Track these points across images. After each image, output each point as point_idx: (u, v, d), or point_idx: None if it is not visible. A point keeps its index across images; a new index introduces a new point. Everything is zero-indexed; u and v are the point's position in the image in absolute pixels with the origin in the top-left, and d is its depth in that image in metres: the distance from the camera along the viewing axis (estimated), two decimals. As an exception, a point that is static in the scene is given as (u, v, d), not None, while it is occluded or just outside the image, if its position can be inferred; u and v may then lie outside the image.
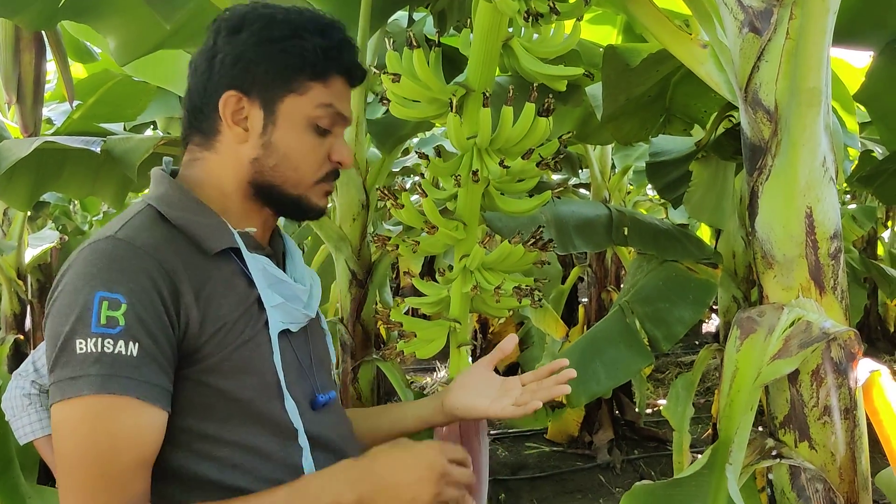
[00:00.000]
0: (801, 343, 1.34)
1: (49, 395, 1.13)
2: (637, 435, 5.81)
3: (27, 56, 3.22)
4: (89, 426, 1.09)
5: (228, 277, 1.25)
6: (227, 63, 1.28)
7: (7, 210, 4.35)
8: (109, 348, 1.09)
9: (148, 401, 1.12)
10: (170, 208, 1.25)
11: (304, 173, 1.32)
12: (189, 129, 1.35)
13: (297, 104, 1.29)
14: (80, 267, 1.15)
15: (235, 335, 1.22)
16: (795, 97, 1.34)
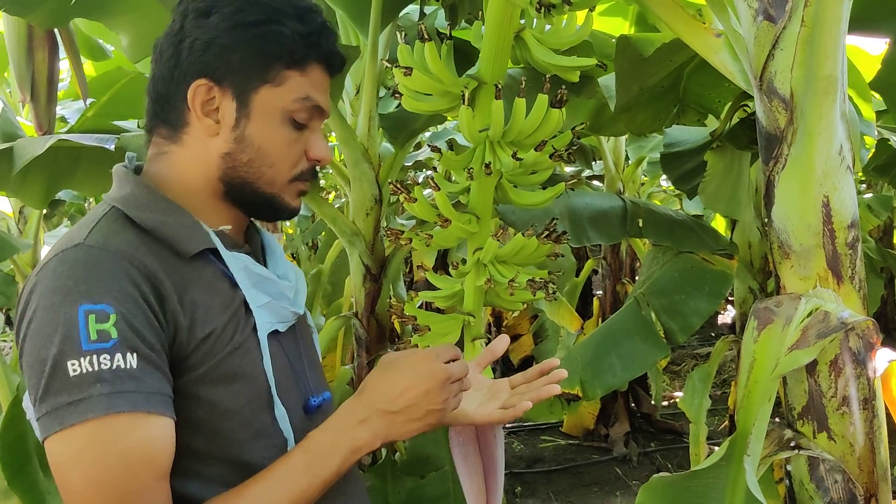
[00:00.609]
0: (819, 333, 1.33)
1: (39, 428, 1.03)
2: (653, 427, 5.80)
3: (40, 54, 3.23)
4: (98, 452, 1.01)
5: (210, 280, 1.16)
6: (196, 49, 1.17)
7: (23, 208, 4.37)
8: (107, 364, 1.01)
9: (156, 412, 1.04)
10: (137, 210, 1.15)
11: (280, 170, 1.23)
12: (154, 120, 1.23)
13: (272, 96, 1.20)
14: (51, 281, 1.05)
15: (224, 342, 1.14)
16: (811, 85, 1.32)
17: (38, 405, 1.03)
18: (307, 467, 1.12)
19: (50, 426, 1.01)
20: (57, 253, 1.08)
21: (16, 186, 2.87)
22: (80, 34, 3.82)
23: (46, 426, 1.02)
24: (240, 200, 1.24)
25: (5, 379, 3.36)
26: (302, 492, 1.11)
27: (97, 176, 3.05)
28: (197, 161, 1.21)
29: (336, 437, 1.15)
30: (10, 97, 4.30)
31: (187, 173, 1.21)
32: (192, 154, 1.21)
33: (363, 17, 2.68)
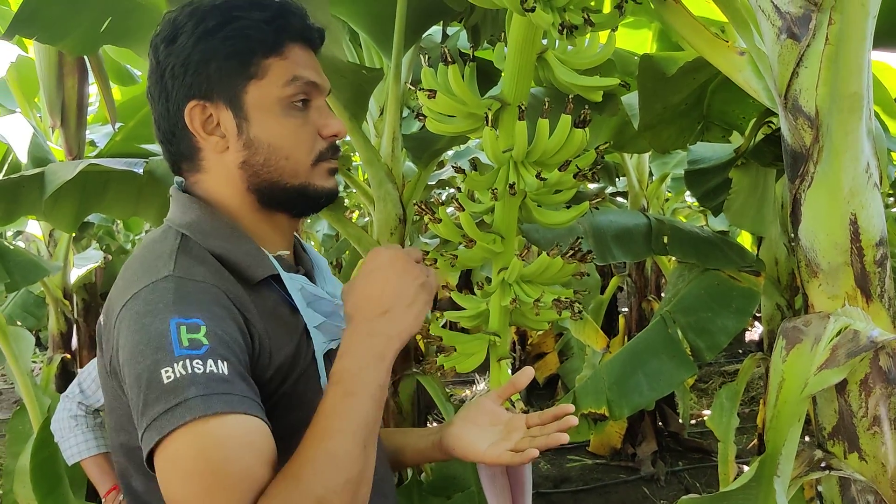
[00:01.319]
0: (849, 352, 1.31)
1: (144, 443, 1.01)
2: (681, 446, 5.74)
3: (70, 80, 3.30)
4: (202, 454, 0.99)
5: (274, 307, 1.19)
6: (176, 74, 1.18)
7: (53, 231, 4.45)
8: (199, 368, 1.00)
9: (252, 413, 1.03)
10: (205, 237, 1.18)
11: (298, 159, 1.23)
12: (173, 159, 1.26)
13: (262, 89, 1.20)
14: (142, 307, 1.06)
15: (293, 369, 1.16)
16: (836, 103, 1.32)
17: (139, 422, 1.02)
18: (345, 393, 1.08)
19: (151, 438, 1.00)
20: (146, 285, 1.08)
21: (47, 211, 2.92)
22: (108, 60, 3.89)
23: (148, 440, 1.00)
24: (276, 202, 1.25)
25: (36, 401, 3.41)
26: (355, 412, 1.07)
27: (126, 199, 3.10)
28: (222, 181, 1.23)
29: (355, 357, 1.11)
30: (41, 122, 4.39)
31: (221, 195, 1.23)
32: (215, 176, 1.23)
33: (386, 39, 2.71)
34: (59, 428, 2.22)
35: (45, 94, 3.35)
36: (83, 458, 2.19)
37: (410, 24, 2.62)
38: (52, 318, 4.56)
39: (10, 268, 3.60)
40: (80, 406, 2.21)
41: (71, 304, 4.65)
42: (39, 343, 8.51)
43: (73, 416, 2.20)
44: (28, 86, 4.29)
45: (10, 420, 3.90)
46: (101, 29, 2.36)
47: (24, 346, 3.53)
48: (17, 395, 7.15)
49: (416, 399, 3.05)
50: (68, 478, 2.88)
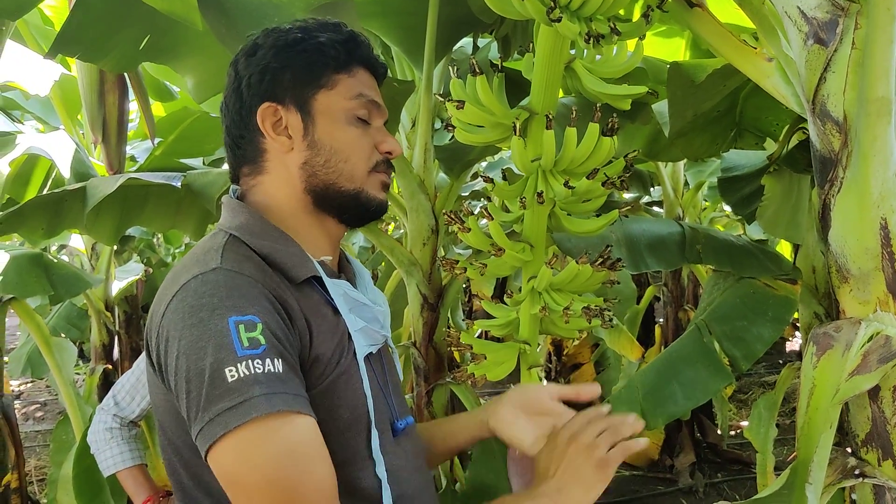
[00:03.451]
0: (881, 358, 1.30)
1: (201, 441, 1.07)
2: (720, 457, 5.66)
3: (111, 97, 3.38)
4: (267, 448, 1.05)
5: (317, 306, 1.23)
6: (253, 83, 1.29)
7: (95, 245, 4.55)
8: (260, 368, 1.06)
9: (306, 412, 1.10)
10: (253, 237, 1.23)
11: (356, 163, 1.30)
12: (236, 164, 1.34)
13: (330, 98, 1.29)
14: (195, 300, 1.11)
15: (332, 367, 1.20)
16: (864, 107, 1.31)
17: (199, 417, 1.07)
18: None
19: (214, 432, 1.05)
20: (194, 276, 1.14)
21: (88, 224, 2.99)
22: (147, 77, 3.98)
23: (210, 433, 1.06)
24: (329, 205, 1.31)
25: (79, 410, 3.48)
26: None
27: (165, 212, 3.16)
28: (282, 181, 1.30)
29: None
30: (84, 138, 4.49)
31: (278, 195, 1.30)
32: (276, 176, 1.31)
33: (417, 51, 2.74)
34: (94, 440, 2.26)
35: (87, 110, 3.44)
36: (119, 470, 2.23)
37: (441, 37, 2.65)
38: (94, 330, 4.66)
39: (54, 281, 3.68)
40: (115, 418, 2.25)
41: (113, 315, 4.75)
42: (83, 355, 8.67)
43: (109, 429, 2.24)
44: (71, 103, 4.40)
45: (55, 430, 3.98)
46: (140, 47, 2.42)
47: (66, 356, 3.61)
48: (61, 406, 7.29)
49: (449, 408, 3.06)
50: (109, 486, 2.94)
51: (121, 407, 2.26)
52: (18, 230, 3.11)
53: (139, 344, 4.92)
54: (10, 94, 4.97)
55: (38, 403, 8.99)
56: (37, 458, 6.63)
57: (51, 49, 2.23)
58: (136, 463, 2.25)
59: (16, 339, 10.15)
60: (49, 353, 3.51)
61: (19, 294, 3.52)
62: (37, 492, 5.79)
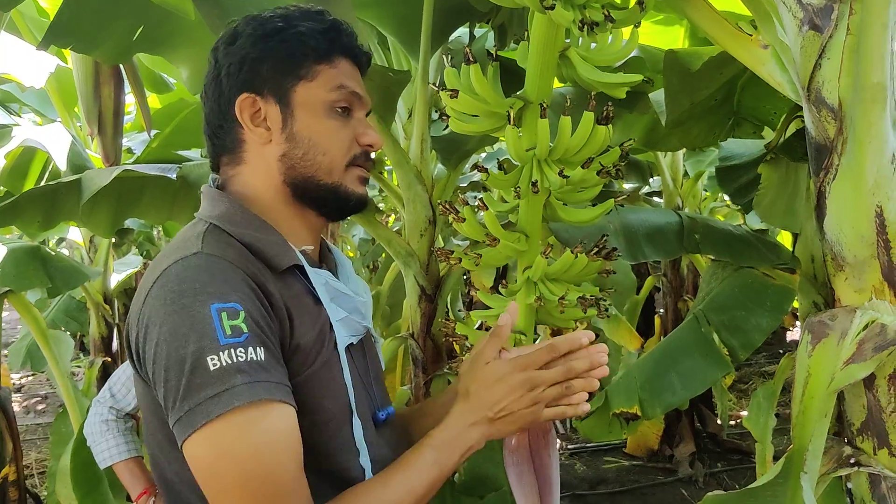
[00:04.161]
0: (876, 346, 1.30)
1: (179, 429, 1.06)
2: (720, 447, 5.67)
3: (106, 89, 3.36)
4: (247, 439, 1.05)
5: (298, 295, 1.23)
6: (232, 72, 1.27)
7: (93, 238, 4.54)
8: (242, 357, 1.06)
9: (287, 401, 1.10)
10: (234, 226, 1.22)
11: (334, 156, 1.30)
12: (215, 154, 1.34)
13: (310, 90, 1.28)
14: (177, 285, 1.10)
15: (313, 357, 1.20)
16: (859, 94, 1.30)
17: (178, 405, 1.06)
18: (435, 461, 1.21)
19: (194, 421, 1.05)
20: (176, 261, 1.13)
21: (84, 216, 2.98)
22: (143, 68, 3.96)
23: (190, 422, 1.05)
24: (308, 197, 1.31)
25: (76, 403, 3.48)
26: (432, 482, 1.20)
27: (161, 204, 3.16)
28: (260, 172, 1.29)
29: (455, 435, 1.23)
30: (80, 131, 4.48)
31: (257, 187, 1.30)
32: (254, 167, 1.30)
33: (413, 41, 2.73)
34: (91, 432, 2.26)
35: (83, 102, 3.42)
36: (115, 462, 2.23)
37: (437, 26, 2.64)
38: (93, 323, 4.66)
39: (52, 273, 3.69)
40: (111, 410, 2.25)
41: (111, 308, 4.75)
42: (83, 347, 8.68)
43: (105, 421, 2.24)
44: (67, 95, 4.39)
45: (54, 423, 3.98)
46: (133, 37, 2.41)
47: (64, 349, 3.62)
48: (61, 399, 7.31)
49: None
50: (107, 479, 2.94)
51: (116, 399, 2.26)
52: (14, 222, 3.10)
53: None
54: (7, 86, 4.95)
55: (38, 396, 9.01)
56: (37, 451, 6.65)
57: (43, 40, 2.22)
58: (131, 455, 2.25)
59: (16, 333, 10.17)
60: (46, 346, 3.51)
61: (17, 287, 3.52)
62: (37, 484, 5.81)
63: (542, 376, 1.25)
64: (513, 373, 1.25)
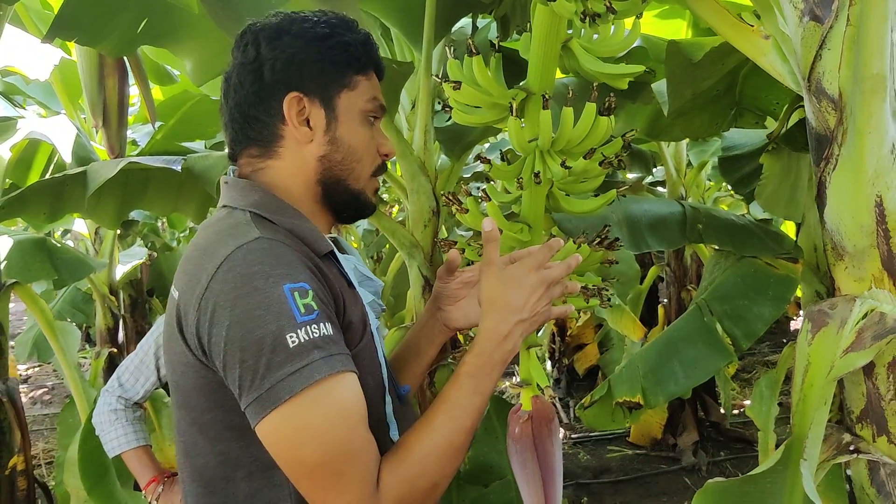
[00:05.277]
0: (875, 335, 1.31)
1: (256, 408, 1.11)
2: (723, 436, 5.69)
3: (111, 81, 3.38)
4: (325, 409, 1.11)
5: (338, 278, 1.29)
6: (278, 68, 1.30)
7: (99, 229, 4.56)
8: (317, 333, 1.12)
9: (354, 370, 1.17)
10: (273, 214, 1.27)
11: (365, 165, 1.37)
12: (243, 142, 1.36)
13: (351, 98, 1.35)
14: (245, 269, 1.14)
15: (359, 335, 1.27)
16: (859, 84, 1.31)
17: (258, 383, 1.11)
18: (476, 388, 1.25)
19: (276, 397, 1.10)
20: (237, 246, 1.17)
21: (90, 208, 3.00)
22: (147, 61, 3.97)
23: (271, 399, 1.10)
24: (333, 200, 1.37)
25: (83, 393, 3.50)
26: (477, 411, 1.25)
27: (166, 196, 3.17)
28: (296, 168, 1.34)
29: (489, 356, 1.27)
30: (85, 123, 4.49)
31: (288, 181, 1.34)
32: (290, 163, 1.34)
33: (416, 33, 2.73)
34: (99, 422, 2.28)
35: (87, 95, 3.44)
36: (123, 451, 2.25)
37: (440, 17, 2.64)
38: (98, 314, 4.68)
39: (58, 265, 3.71)
40: (120, 400, 2.27)
41: (117, 299, 4.76)
42: (89, 339, 8.72)
43: (113, 410, 2.26)
44: (72, 88, 4.39)
45: (61, 413, 4.01)
46: (137, 30, 2.42)
47: (70, 340, 3.64)
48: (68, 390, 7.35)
49: (451, 389, 3.07)
50: (115, 468, 2.97)
51: (125, 388, 2.28)
52: (20, 214, 3.11)
53: (144, 327, 4.93)
54: (11, 78, 4.96)
55: (45, 387, 9.05)
56: (45, 441, 6.69)
57: (48, 33, 2.23)
58: (140, 444, 2.27)
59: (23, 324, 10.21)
60: (53, 337, 3.53)
61: (23, 278, 3.53)
62: (45, 474, 5.85)
63: (551, 274, 1.33)
64: (528, 273, 1.32)
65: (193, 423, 1.25)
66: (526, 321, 1.30)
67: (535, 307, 1.31)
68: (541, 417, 1.68)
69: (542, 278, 1.32)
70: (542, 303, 1.32)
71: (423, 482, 1.19)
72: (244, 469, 1.21)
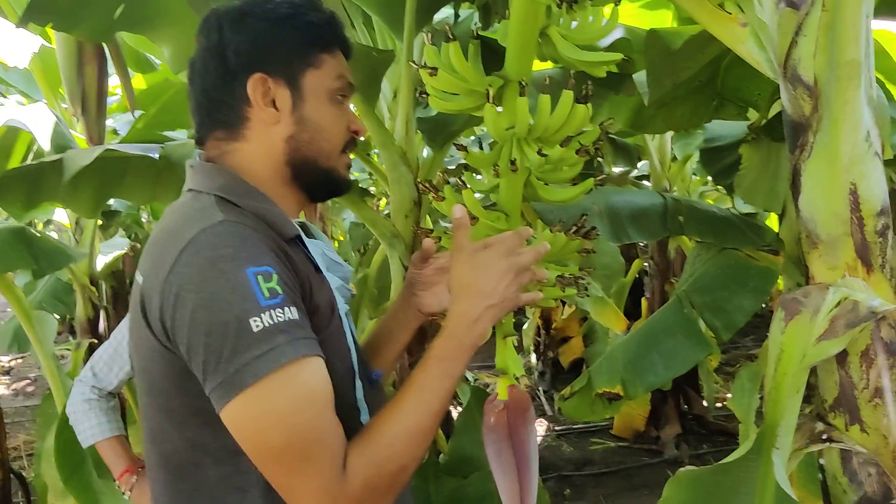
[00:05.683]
0: (848, 323, 1.30)
1: (221, 393, 1.10)
2: (705, 429, 5.71)
3: (90, 69, 3.35)
4: (290, 394, 1.10)
5: (304, 262, 1.28)
6: (242, 51, 1.30)
7: (79, 219, 4.50)
8: (281, 317, 1.11)
9: (320, 354, 1.16)
10: (239, 197, 1.26)
11: (334, 144, 1.37)
12: (209, 126, 1.36)
13: (317, 77, 1.34)
14: (209, 252, 1.13)
15: (327, 319, 1.26)
16: (835, 71, 1.30)
17: (222, 368, 1.10)
18: (445, 371, 1.26)
19: (241, 382, 1.09)
20: (201, 230, 1.15)
21: (66, 196, 2.96)
22: (127, 48, 3.93)
23: (235, 383, 1.09)
24: (304, 180, 1.37)
25: (61, 383, 3.47)
26: (445, 395, 1.25)
27: (144, 184, 3.13)
28: (264, 150, 1.33)
29: (458, 340, 1.28)
30: (65, 112, 4.44)
31: (255, 164, 1.33)
32: (257, 145, 1.33)
33: (398, 21, 2.71)
34: (73, 411, 2.26)
35: (66, 82, 3.40)
36: (97, 441, 2.23)
37: (422, 5, 2.62)
38: (79, 305, 4.62)
39: (37, 254, 3.66)
40: (94, 390, 2.24)
41: (98, 290, 4.71)
42: (72, 330, 8.66)
43: (87, 400, 2.23)
44: (52, 76, 4.33)
45: (41, 404, 3.97)
46: (114, 15, 2.39)
47: (47, 329, 3.60)
48: (49, 382, 7.29)
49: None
50: (92, 459, 2.94)
51: (99, 378, 2.25)
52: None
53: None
54: (-9, 66, 4.91)
55: (28, 379, 8.99)
56: (26, 433, 6.64)
57: (22, 17, 2.19)
58: (114, 434, 2.25)
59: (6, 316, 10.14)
60: (29, 326, 3.49)
61: (1, 268, 3.49)
62: (26, 466, 5.81)
63: (520, 260, 1.34)
64: (499, 259, 1.32)
65: (160, 410, 1.24)
66: (496, 306, 1.31)
67: (504, 293, 1.31)
68: (516, 407, 1.67)
69: (511, 264, 1.32)
70: (511, 288, 1.32)
71: (391, 465, 1.18)
72: (212, 455, 1.20)
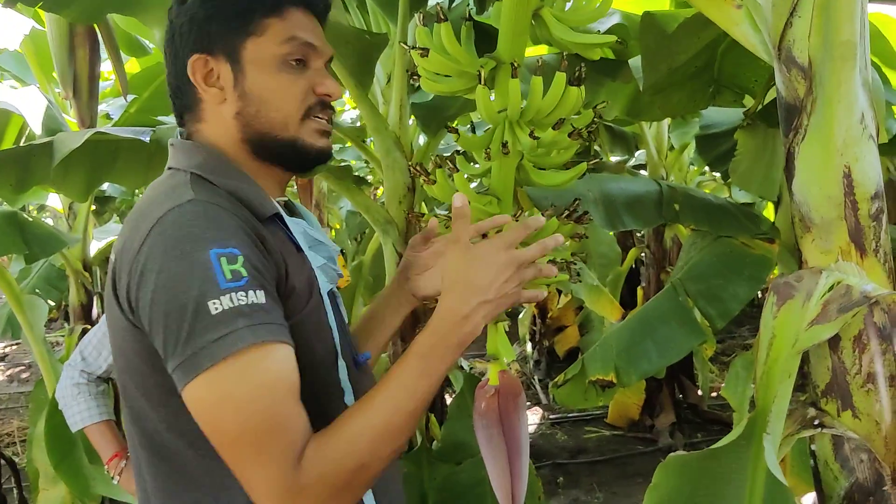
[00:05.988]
0: (841, 307, 1.29)
1: (181, 374, 1.07)
2: (700, 418, 5.72)
3: (81, 52, 3.31)
4: (250, 380, 1.06)
5: (283, 242, 1.25)
6: (183, 32, 1.28)
7: (72, 204, 4.48)
8: (244, 300, 1.07)
9: (287, 341, 1.12)
10: (215, 175, 1.23)
11: (288, 112, 1.30)
12: (179, 111, 1.36)
13: (259, 46, 1.28)
14: (175, 231, 1.10)
15: (304, 301, 1.23)
16: (829, 52, 1.28)
17: (180, 350, 1.07)
18: (424, 370, 1.19)
19: (198, 365, 1.06)
20: (169, 209, 1.13)
21: (57, 180, 2.93)
22: (120, 32, 3.90)
23: (193, 366, 1.06)
24: (267, 154, 1.32)
25: (51, 368, 3.46)
26: (422, 394, 1.18)
27: (135, 168, 3.10)
28: (219, 130, 1.30)
29: (443, 337, 1.21)
30: (58, 95, 4.41)
31: (219, 144, 1.31)
32: (213, 126, 1.31)
33: (392, 5, 2.68)
34: (62, 396, 2.25)
35: (57, 65, 3.37)
36: (86, 426, 2.22)
37: (416, -11, 2.60)
38: (72, 290, 4.60)
39: (29, 239, 3.64)
40: (83, 374, 2.23)
41: (92, 276, 4.69)
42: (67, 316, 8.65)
43: (76, 385, 2.22)
44: (44, 59, 4.29)
45: (33, 390, 3.96)
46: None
47: (38, 314, 3.58)
48: (44, 368, 7.28)
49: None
50: (83, 444, 2.93)
51: (88, 362, 2.24)
52: (-15, 185, 3.04)
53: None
54: (-17, 50, 4.87)
55: (23, 365, 8.99)
56: (20, 419, 6.64)
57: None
58: (103, 418, 2.24)
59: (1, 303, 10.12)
60: (20, 311, 3.47)
61: (-7, 253, 3.47)
62: (20, 452, 5.80)
63: (524, 254, 1.27)
64: (498, 252, 1.25)
65: (138, 388, 1.22)
66: (491, 302, 1.23)
67: (501, 288, 1.24)
68: (507, 392, 1.65)
69: (511, 258, 1.25)
70: (510, 284, 1.25)
71: (349, 462, 1.12)
72: (189, 436, 1.17)
